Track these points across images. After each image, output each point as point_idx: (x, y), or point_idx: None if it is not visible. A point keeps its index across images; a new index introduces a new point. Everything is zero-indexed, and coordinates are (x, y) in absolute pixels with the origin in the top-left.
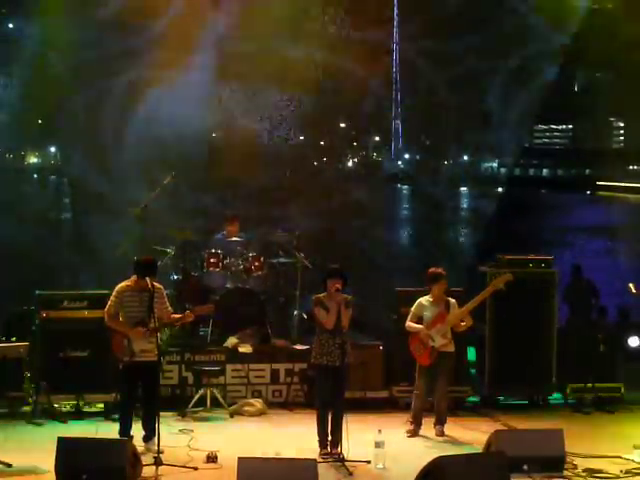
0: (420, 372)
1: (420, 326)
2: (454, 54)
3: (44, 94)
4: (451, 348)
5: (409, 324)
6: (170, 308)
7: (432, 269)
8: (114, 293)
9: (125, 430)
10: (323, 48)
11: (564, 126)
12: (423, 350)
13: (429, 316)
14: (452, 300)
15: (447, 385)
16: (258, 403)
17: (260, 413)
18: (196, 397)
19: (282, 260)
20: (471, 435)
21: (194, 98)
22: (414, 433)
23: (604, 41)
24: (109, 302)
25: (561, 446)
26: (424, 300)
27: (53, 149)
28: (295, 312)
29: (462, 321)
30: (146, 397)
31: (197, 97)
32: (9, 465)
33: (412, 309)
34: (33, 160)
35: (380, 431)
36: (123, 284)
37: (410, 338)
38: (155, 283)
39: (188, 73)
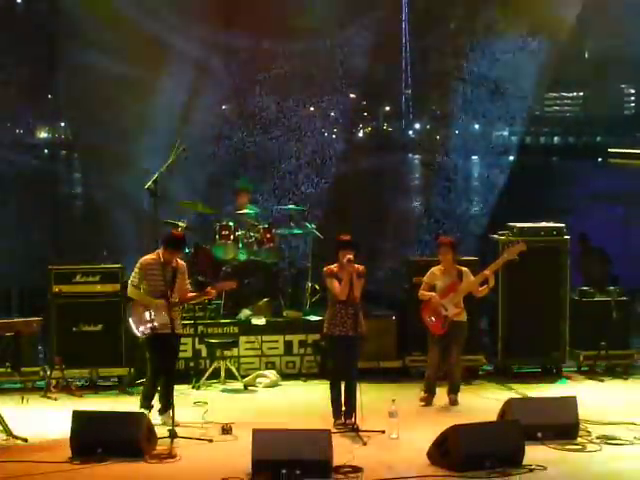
0: (433, 341)
1: (433, 294)
2: (461, 23)
3: (54, 70)
4: (463, 317)
5: (422, 292)
6: (189, 286)
7: (441, 237)
8: (138, 265)
9: (147, 400)
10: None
11: (575, 94)
12: (436, 319)
13: (441, 285)
14: (465, 269)
15: (460, 354)
16: (272, 374)
17: (274, 384)
18: (210, 370)
19: (294, 232)
20: (485, 403)
21: (202, 69)
22: (428, 402)
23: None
24: (133, 273)
25: (575, 413)
26: (436, 269)
27: (63, 124)
28: (308, 283)
29: (482, 285)
30: (163, 370)
31: (205, 68)
32: (25, 440)
33: (424, 278)
34: (43, 135)
35: (394, 401)
36: (148, 257)
37: (422, 307)
38: (179, 260)
39: (193, 45)
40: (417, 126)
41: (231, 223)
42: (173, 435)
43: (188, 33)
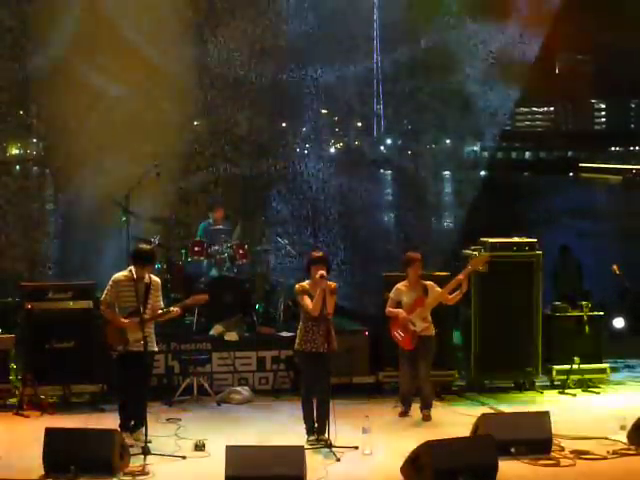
0: (403, 357)
1: (400, 310)
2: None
3: (24, 85)
4: (432, 332)
5: (389, 309)
6: (161, 303)
7: (407, 253)
8: (110, 282)
9: (127, 420)
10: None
11: (545, 108)
12: (405, 335)
13: (407, 301)
14: (429, 283)
15: (429, 368)
16: (245, 391)
17: (247, 401)
18: (183, 386)
19: (266, 247)
20: (458, 419)
21: (174, 86)
22: (404, 413)
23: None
24: (105, 291)
25: (548, 428)
26: (401, 285)
27: (35, 140)
28: (280, 299)
29: (451, 293)
30: (136, 386)
31: (177, 84)
32: None
33: (390, 294)
34: (15, 151)
35: (367, 417)
36: (120, 274)
37: (391, 324)
38: (152, 276)
39: (169, 63)
40: (388, 141)
41: (204, 239)
42: (146, 452)
43: (164, 48)
